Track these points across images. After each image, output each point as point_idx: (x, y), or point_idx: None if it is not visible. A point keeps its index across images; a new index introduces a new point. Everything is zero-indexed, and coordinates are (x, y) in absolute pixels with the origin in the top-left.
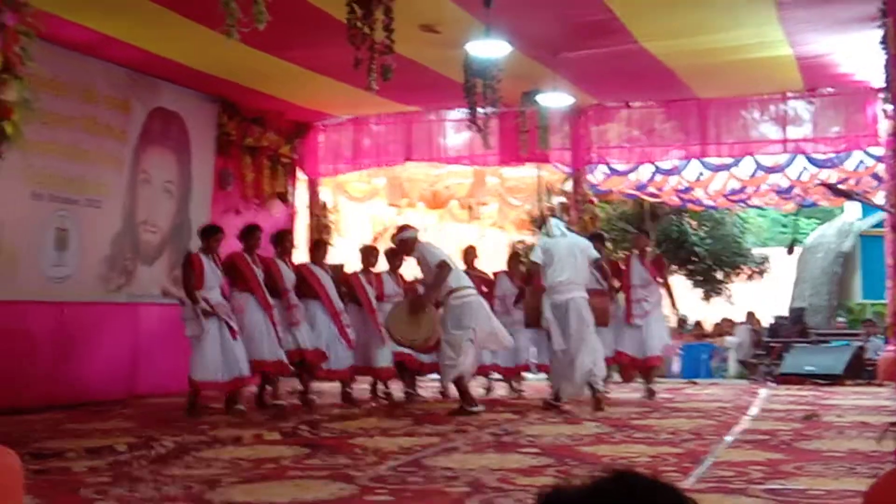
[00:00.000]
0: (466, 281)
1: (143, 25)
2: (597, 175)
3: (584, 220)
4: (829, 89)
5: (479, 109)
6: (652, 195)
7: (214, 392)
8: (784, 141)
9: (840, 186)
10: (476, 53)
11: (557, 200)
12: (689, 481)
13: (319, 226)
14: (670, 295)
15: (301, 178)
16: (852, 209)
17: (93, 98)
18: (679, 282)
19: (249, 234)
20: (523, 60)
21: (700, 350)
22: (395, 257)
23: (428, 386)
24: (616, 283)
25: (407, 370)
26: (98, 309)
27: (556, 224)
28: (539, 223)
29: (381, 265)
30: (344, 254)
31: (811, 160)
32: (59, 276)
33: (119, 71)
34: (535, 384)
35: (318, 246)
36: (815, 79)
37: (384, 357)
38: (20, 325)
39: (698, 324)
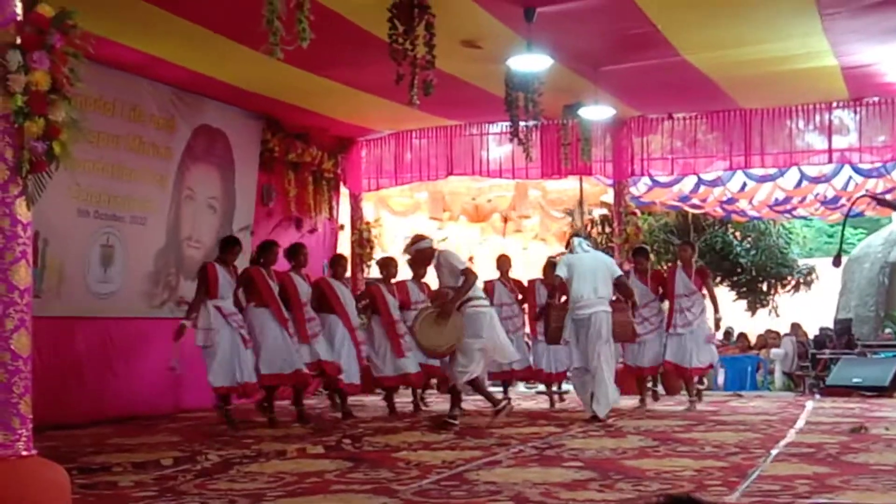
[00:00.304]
0: (481, 292)
1: (188, 47)
2: (639, 187)
3: (626, 232)
4: (875, 98)
5: (521, 123)
6: (695, 206)
7: (235, 395)
8: (829, 151)
9: (885, 197)
10: (517, 68)
11: (599, 213)
12: (735, 496)
13: (362, 240)
14: (714, 304)
15: (344, 192)
16: None
17: (139, 116)
18: (723, 293)
19: (266, 250)
20: (565, 73)
21: (745, 362)
22: (418, 266)
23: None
24: (637, 298)
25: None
26: (143, 324)
27: (578, 242)
28: (566, 242)
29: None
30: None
31: (857, 170)
32: (105, 293)
33: (164, 89)
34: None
35: (338, 261)
36: (861, 88)
37: (411, 364)
38: (67, 340)
39: (743, 336)
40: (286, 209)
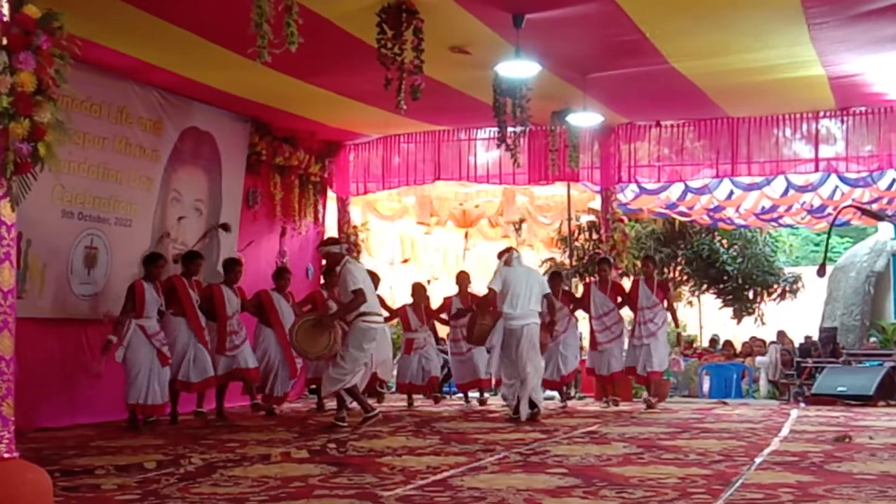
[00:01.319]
0: (378, 308)
1: (176, 51)
2: (627, 194)
3: (613, 239)
4: (862, 108)
5: (509, 128)
6: (682, 214)
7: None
8: (816, 160)
9: (870, 207)
10: (506, 74)
11: (586, 219)
12: None
13: (349, 244)
14: (674, 317)
15: (331, 196)
16: (885, 229)
17: (126, 118)
18: (709, 301)
19: (190, 261)
20: (553, 80)
21: (730, 370)
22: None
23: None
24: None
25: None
26: None
27: (516, 256)
28: (501, 254)
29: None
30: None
31: (843, 179)
32: (88, 294)
33: (152, 92)
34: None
35: (280, 275)
36: (848, 98)
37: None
38: (50, 342)
39: (728, 343)
40: (271, 212)
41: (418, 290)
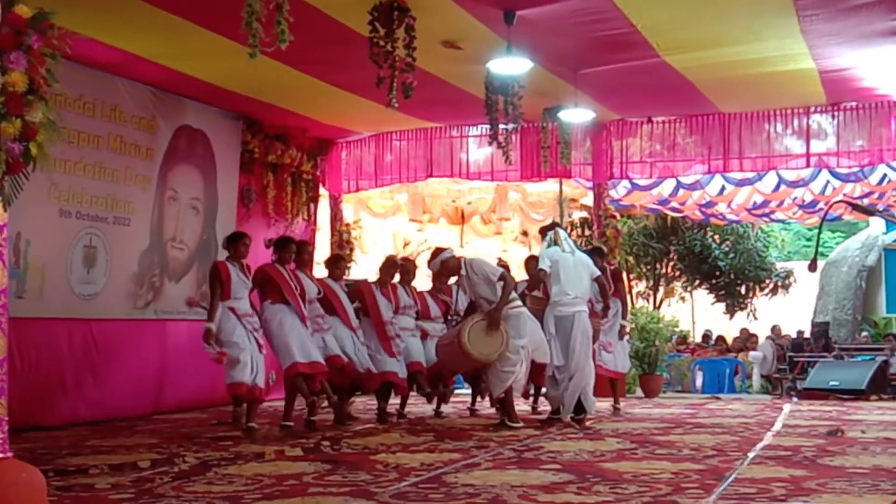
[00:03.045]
0: (515, 294)
1: (167, 41)
2: (619, 190)
3: (606, 235)
4: (853, 103)
5: (501, 125)
6: (674, 210)
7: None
8: (807, 155)
9: (860, 203)
10: (498, 70)
11: (578, 215)
12: (711, 499)
13: (341, 242)
14: (625, 309)
15: (323, 193)
16: (877, 223)
17: (119, 117)
18: (702, 296)
19: (283, 246)
20: (545, 76)
21: (723, 365)
22: (441, 277)
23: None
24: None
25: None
26: (125, 325)
27: (565, 237)
28: (544, 231)
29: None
30: (366, 269)
31: (835, 174)
32: (87, 294)
33: (144, 89)
34: None
35: (336, 261)
36: (839, 93)
37: (399, 368)
38: (48, 342)
39: (721, 338)
40: (264, 210)
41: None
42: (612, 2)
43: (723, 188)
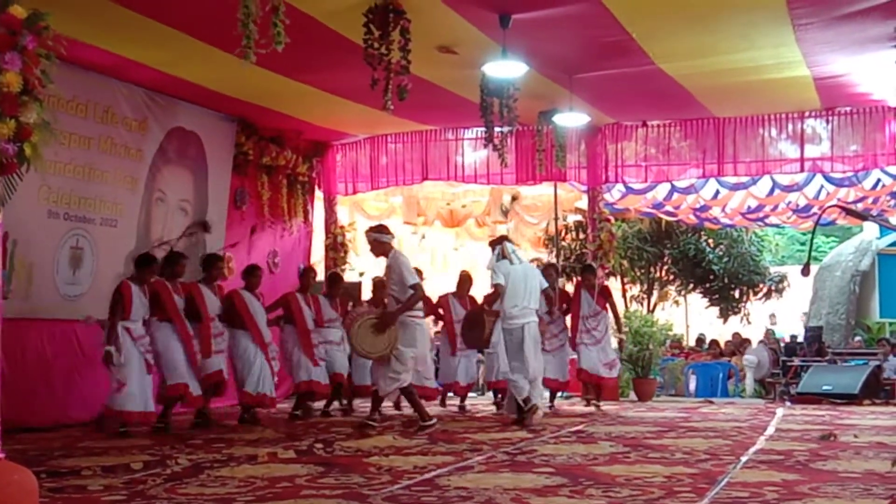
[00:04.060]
0: (420, 304)
1: (161, 50)
2: (613, 193)
3: (600, 239)
4: (847, 108)
5: (497, 128)
6: (668, 213)
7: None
8: (801, 160)
9: (854, 207)
10: (493, 74)
11: (573, 219)
12: (704, 502)
13: (336, 244)
14: (618, 323)
15: (318, 196)
16: (870, 228)
17: (111, 118)
18: (695, 300)
19: (174, 262)
20: (540, 80)
21: (716, 369)
22: (334, 284)
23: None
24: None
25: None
26: None
27: (513, 250)
28: (494, 244)
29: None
30: (361, 271)
31: (829, 179)
32: (74, 294)
33: (138, 91)
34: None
35: (252, 272)
36: (833, 98)
37: (321, 375)
38: (35, 342)
39: (714, 342)
40: (259, 213)
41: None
42: (608, 9)
43: (717, 192)
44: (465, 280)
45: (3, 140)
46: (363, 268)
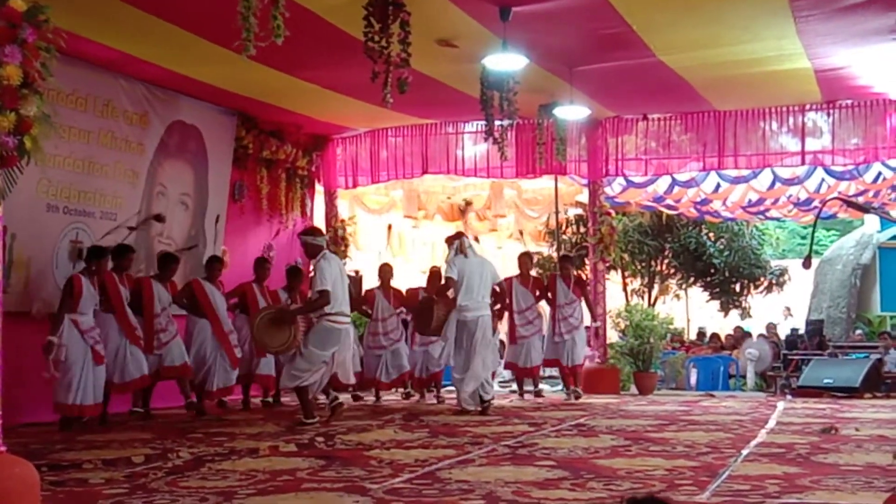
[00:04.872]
0: (346, 308)
1: (162, 46)
2: (614, 187)
3: (600, 232)
4: (848, 101)
5: (497, 122)
6: (669, 207)
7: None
8: (802, 153)
9: (855, 200)
10: (493, 66)
11: (574, 212)
12: (705, 495)
13: (336, 238)
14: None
15: (318, 190)
16: (872, 221)
17: (111, 112)
18: (696, 294)
19: (121, 255)
20: (540, 73)
21: (717, 362)
22: (293, 277)
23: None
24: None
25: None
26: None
27: (469, 245)
28: (451, 240)
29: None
30: (361, 265)
31: (830, 172)
32: None
33: (138, 85)
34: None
35: (212, 263)
36: (834, 91)
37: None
38: (34, 337)
39: (715, 336)
40: (258, 206)
41: (384, 272)
42: (608, 1)
43: (718, 186)
44: (434, 275)
45: (4, 133)
46: (364, 261)
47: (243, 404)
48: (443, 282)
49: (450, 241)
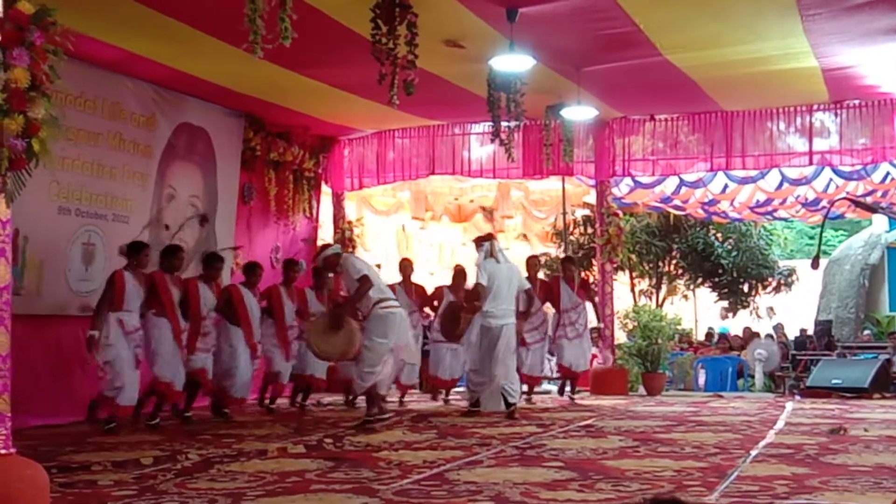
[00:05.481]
0: (390, 293)
1: (170, 44)
2: (621, 188)
3: (608, 233)
4: (856, 101)
5: (504, 123)
6: (677, 208)
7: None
8: (810, 153)
9: (863, 200)
10: (500, 68)
11: (581, 213)
12: (714, 496)
13: (344, 239)
14: (597, 314)
15: (326, 191)
16: (880, 221)
17: (119, 114)
18: (704, 294)
19: (171, 255)
20: (547, 74)
21: (726, 363)
22: (319, 276)
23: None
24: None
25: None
26: None
27: (500, 249)
28: (480, 241)
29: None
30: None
31: (837, 172)
32: (86, 291)
33: (146, 87)
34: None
35: (252, 270)
36: (841, 90)
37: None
38: (46, 339)
39: (723, 337)
40: (266, 208)
41: (405, 266)
42: (615, 0)
43: (725, 186)
44: (459, 274)
45: (12, 136)
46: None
47: (268, 409)
48: (468, 283)
49: (479, 242)
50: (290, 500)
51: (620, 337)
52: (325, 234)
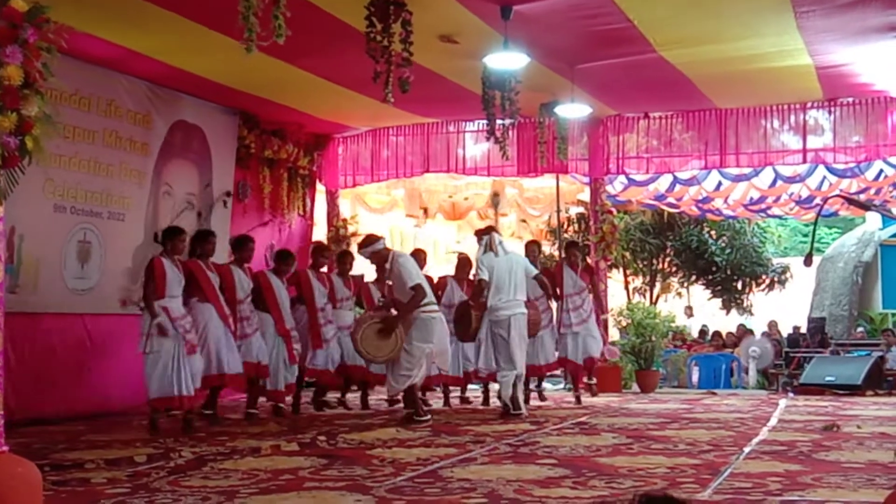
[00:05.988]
0: (433, 297)
1: (164, 38)
2: (615, 185)
3: (602, 231)
4: (849, 99)
5: (498, 120)
6: (671, 205)
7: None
8: (804, 151)
9: (856, 198)
10: (494, 65)
11: (575, 211)
12: (707, 493)
13: (338, 237)
14: (600, 303)
15: (320, 189)
16: (873, 219)
17: (115, 112)
18: (698, 292)
19: (204, 240)
20: (541, 72)
21: (719, 360)
22: (343, 262)
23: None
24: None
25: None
26: (120, 321)
27: (499, 241)
28: (480, 235)
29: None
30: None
31: (831, 170)
32: (82, 289)
33: (140, 84)
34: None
35: (284, 258)
36: (835, 88)
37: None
38: (42, 336)
39: (717, 334)
40: (260, 206)
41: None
42: None
43: (719, 184)
44: (464, 263)
45: (5, 133)
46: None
47: (293, 407)
48: (471, 275)
49: (479, 234)
50: (283, 497)
51: (614, 334)
52: (320, 232)
